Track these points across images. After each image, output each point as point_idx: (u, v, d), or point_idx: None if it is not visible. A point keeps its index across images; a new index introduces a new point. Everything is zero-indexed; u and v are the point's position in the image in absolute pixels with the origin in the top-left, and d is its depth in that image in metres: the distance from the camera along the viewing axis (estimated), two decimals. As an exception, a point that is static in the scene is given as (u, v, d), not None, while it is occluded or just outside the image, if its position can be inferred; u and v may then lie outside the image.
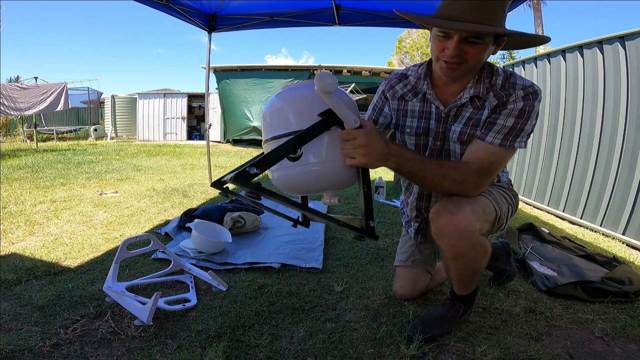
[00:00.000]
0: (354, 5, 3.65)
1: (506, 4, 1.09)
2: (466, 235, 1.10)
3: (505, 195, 1.32)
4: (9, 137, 12.10)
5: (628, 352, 1.27)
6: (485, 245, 1.18)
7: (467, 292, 1.32)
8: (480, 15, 1.01)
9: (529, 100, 1.12)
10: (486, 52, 1.09)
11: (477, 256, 1.17)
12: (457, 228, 1.09)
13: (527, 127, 1.14)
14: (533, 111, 1.13)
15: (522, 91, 1.13)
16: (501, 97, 1.14)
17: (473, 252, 1.14)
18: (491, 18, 1.02)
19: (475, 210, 1.11)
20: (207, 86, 4.13)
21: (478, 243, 1.14)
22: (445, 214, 1.10)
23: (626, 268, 1.85)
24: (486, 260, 1.22)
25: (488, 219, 1.16)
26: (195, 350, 1.21)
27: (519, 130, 1.13)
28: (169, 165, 5.74)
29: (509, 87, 1.15)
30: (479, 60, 1.09)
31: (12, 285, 1.60)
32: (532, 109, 1.13)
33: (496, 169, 1.17)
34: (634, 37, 2.48)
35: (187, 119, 11.80)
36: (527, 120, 1.13)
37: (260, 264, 1.88)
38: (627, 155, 2.53)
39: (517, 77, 1.17)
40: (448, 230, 1.10)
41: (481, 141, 1.15)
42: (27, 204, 3.01)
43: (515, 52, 14.94)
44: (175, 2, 3.37)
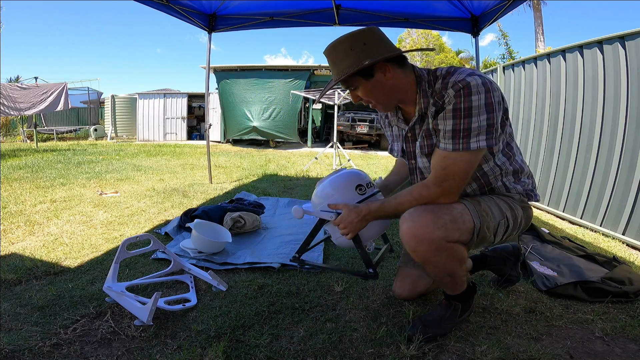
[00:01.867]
0: (354, 5, 3.65)
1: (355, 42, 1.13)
2: (424, 242, 1.14)
3: (506, 207, 1.24)
4: (9, 137, 12.10)
5: (628, 352, 1.27)
6: (454, 251, 1.17)
7: (454, 292, 1.33)
8: (336, 70, 1.17)
9: (460, 97, 1.07)
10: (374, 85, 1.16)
11: (444, 261, 1.19)
12: (414, 235, 1.14)
13: (474, 125, 1.07)
14: (472, 107, 1.06)
15: (452, 89, 1.08)
16: (436, 102, 1.15)
17: (436, 257, 1.17)
18: (344, 67, 1.14)
19: (439, 219, 1.12)
20: (207, 86, 4.13)
21: (442, 249, 1.15)
22: (406, 222, 1.16)
23: (626, 268, 1.85)
24: (459, 264, 1.22)
25: (459, 227, 1.14)
26: (195, 350, 1.21)
27: (465, 130, 1.08)
28: (169, 165, 5.74)
29: (442, 88, 1.13)
30: (378, 94, 1.18)
31: (12, 285, 1.60)
32: (469, 104, 1.06)
33: (455, 173, 1.13)
34: (634, 37, 2.48)
35: (187, 119, 11.79)
36: (468, 118, 1.07)
37: (260, 264, 1.88)
38: (627, 155, 2.53)
39: (455, 73, 1.13)
40: (407, 237, 1.16)
41: (437, 149, 1.17)
42: (27, 204, 3.01)
43: (515, 52, 14.97)
44: (175, 2, 3.38)
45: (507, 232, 1.26)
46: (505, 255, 1.65)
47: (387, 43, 1.16)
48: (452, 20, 3.76)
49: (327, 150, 6.54)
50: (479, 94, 1.06)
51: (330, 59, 1.19)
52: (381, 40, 1.15)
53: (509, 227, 1.25)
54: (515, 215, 1.26)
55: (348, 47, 1.13)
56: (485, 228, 1.18)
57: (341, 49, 1.14)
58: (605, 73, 2.74)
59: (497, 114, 1.10)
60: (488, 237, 1.21)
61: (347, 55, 1.13)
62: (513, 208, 1.26)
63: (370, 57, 1.11)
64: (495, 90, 1.09)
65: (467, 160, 1.12)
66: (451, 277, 1.27)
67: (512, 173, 1.28)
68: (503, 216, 1.22)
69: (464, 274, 1.30)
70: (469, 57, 21.66)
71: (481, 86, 1.06)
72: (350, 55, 1.13)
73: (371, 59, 1.10)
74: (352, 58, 1.12)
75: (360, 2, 3.60)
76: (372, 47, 1.12)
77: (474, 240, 1.19)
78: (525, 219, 1.31)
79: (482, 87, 1.06)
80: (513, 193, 1.29)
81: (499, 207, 1.23)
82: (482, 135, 1.09)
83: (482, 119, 1.07)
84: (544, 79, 3.48)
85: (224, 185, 4.13)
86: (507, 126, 1.21)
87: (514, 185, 1.28)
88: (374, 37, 1.15)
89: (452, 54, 23.40)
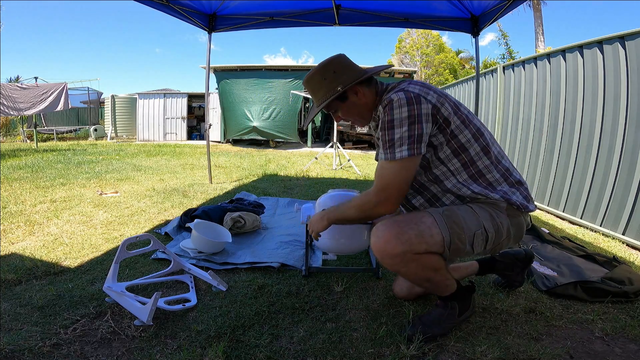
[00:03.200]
0: (354, 5, 3.65)
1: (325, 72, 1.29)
2: (387, 257, 1.21)
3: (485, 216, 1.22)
4: (9, 137, 12.10)
5: (628, 352, 1.27)
6: (424, 261, 1.20)
7: (441, 294, 1.35)
8: (316, 98, 1.35)
9: (385, 112, 1.19)
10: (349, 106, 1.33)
11: (415, 270, 1.23)
12: (378, 249, 1.23)
13: (397, 136, 1.16)
14: (393, 120, 1.16)
15: (381, 106, 1.22)
16: (375, 117, 1.33)
17: (405, 268, 1.23)
18: (321, 95, 1.31)
19: (403, 234, 1.18)
20: (207, 86, 4.13)
21: (410, 260, 1.19)
22: (373, 236, 1.25)
23: (626, 268, 1.85)
24: (434, 272, 1.25)
25: (426, 241, 1.18)
26: (195, 350, 1.21)
27: (390, 141, 1.17)
28: (169, 165, 5.74)
29: (379, 104, 1.28)
30: (354, 112, 1.35)
31: (12, 285, 1.60)
32: (390, 117, 1.17)
33: (389, 182, 1.20)
34: (634, 37, 2.48)
35: (187, 119, 11.79)
36: (391, 130, 1.17)
37: (260, 264, 1.88)
38: (627, 155, 2.53)
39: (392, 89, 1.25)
40: (374, 250, 1.25)
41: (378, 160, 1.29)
42: (27, 204, 3.01)
43: (516, 52, 14.96)
44: (175, 2, 3.38)
45: (489, 242, 1.24)
46: (514, 260, 1.63)
47: (353, 68, 1.31)
48: (452, 20, 3.76)
49: (327, 150, 6.54)
50: (400, 107, 1.16)
51: (309, 89, 1.35)
52: (348, 66, 1.31)
53: (489, 237, 1.23)
54: (496, 225, 1.23)
55: (321, 77, 1.30)
56: (457, 240, 1.19)
57: (316, 80, 1.31)
58: (605, 73, 2.74)
59: (421, 125, 1.16)
60: (463, 249, 1.22)
61: (321, 85, 1.30)
62: (494, 217, 1.23)
63: (341, 83, 1.27)
64: (422, 103, 1.16)
65: (397, 169, 1.19)
66: (429, 282, 1.29)
67: (477, 178, 1.26)
68: (480, 226, 1.21)
69: (444, 278, 1.29)
70: (469, 57, 21.67)
71: (403, 100, 1.16)
72: (324, 84, 1.30)
73: (343, 84, 1.27)
74: (326, 86, 1.29)
75: (360, 2, 3.60)
76: (341, 74, 1.29)
77: (447, 253, 1.21)
78: (515, 227, 1.28)
79: (405, 101, 1.15)
80: (495, 200, 1.25)
81: (477, 216, 1.22)
82: (404, 146, 1.16)
83: (403, 130, 1.16)
84: (544, 79, 3.48)
85: (224, 185, 4.13)
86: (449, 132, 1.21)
87: (487, 192, 1.25)
88: (342, 65, 1.31)
89: (452, 54, 23.41)
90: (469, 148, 1.25)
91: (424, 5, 3.58)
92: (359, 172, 5.23)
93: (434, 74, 22.70)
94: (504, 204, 1.26)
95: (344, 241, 1.66)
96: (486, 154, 1.27)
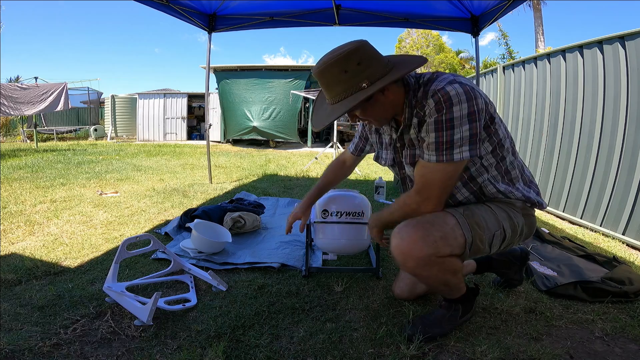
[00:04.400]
0: (354, 5, 3.65)
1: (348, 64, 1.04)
2: (412, 259, 1.14)
3: (504, 216, 1.21)
4: (9, 137, 12.10)
5: (628, 352, 1.27)
6: (447, 264, 1.16)
7: (451, 297, 1.33)
8: (331, 94, 1.09)
9: (441, 110, 1.04)
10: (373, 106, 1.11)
11: (436, 274, 1.19)
12: (402, 252, 1.15)
13: (457, 137, 1.05)
14: (454, 118, 1.03)
15: (432, 100, 1.05)
16: (418, 113, 1.13)
17: (427, 272, 1.17)
18: (340, 90, 1.07)
19: (429, 236, 1.11)
20: (207, 86, 4.13)
21: (433, 264, 1.14)
22: (396, 238, 1.17)
23: (626, 268, 1.85)
24: (453, 275, 1.22)
25: (450, 244, 1.13)
26: (195, 350, 1.21)
27: (448, 142, 1.05)
28: (169, 165, 5.74)
29: (422, 97, 1.10)
30: (377, 112, 1.15)
31: (12, 285, 1.60)
32: (450, 116, 1.03)
33: (434, 182, 1.12)
34: (634, 37, 2.48)
35: (187, 119, 11.79)
36: (451, 130, 1.04)
37: (261, 264, 1.88)
38: (627, 155, 2.53)
39: (436, 80, 1.09)
40: (396, 253, 1.17)
41: (421, 159, 1.16)
42: (27, 204, 3.01)
43: (515, 52, 14.95)
44: (175, 2, 3.38)
45: (505, 242, 1.23)
46: (511, 259, 1.63)
47: (379, 59, 1.08)
48: (452, 20, 3.76)
49: (327, 150, 6.54)
50: (460, 104, 1.02)
51: (323, 82, 1.09)
52: (373, 57, 1.07)
53: (506, 237, 1.22)
54: (514, 225, 1.22)
55: (341, 70, 1.04)
56: (478, 241, 1.16)
57: (334, 72, 1.05)
58: (605, 73, 2.74)
59: (480, 123, 1.06)
60: (482, 249, 1.19)
61: (340, 79, 1.05)
62: (512, 217, 1.22)
63: (367, 78, 1.04)
64: (478, 97, 1.05)
65: (448, 170, 1.09)
66: (446, 286, 1.27)
67: (504, 176, 1.23)
68: (499, 227, 1.19)
69: (460, 281, 1.28)
70: (469, 57, 21.65)
71: (462, 95, 1.03)
72: (344, 79, 1.05)
73: (369, 80, 1.04)
74: (347, 81, 1.05)
75: (360, 2, 3.60)
76: (367, 67, 1.05)
77: (466, 254, 1.17)
78: (527, 226, 1.27)
79: (464, 96, 1.03)
80: (513, 200, 1.24)
81: (496, 217, 1.20)
82: (465, 147, 1.06)
83: (465, 129, 1.04)
84: (544, 79, 3.48)
85: (224, 185, 4.12)
86: (493, 129, 1.15)
87: (510, 189, 1.23)
88: (367, 55, 1.05)
89: (452, 54, 23.39)
90: (505, 144, 1.19)
91: (424, 5, 3.58)
92: (359, 172, 5.23)
93: (434, 74, 22.65)
94: (520, 202, 1.24)
95: (344, 241, 1.66)
96: (513, 149, 1.24)
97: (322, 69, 1.06)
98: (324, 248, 1.74)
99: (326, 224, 1.68)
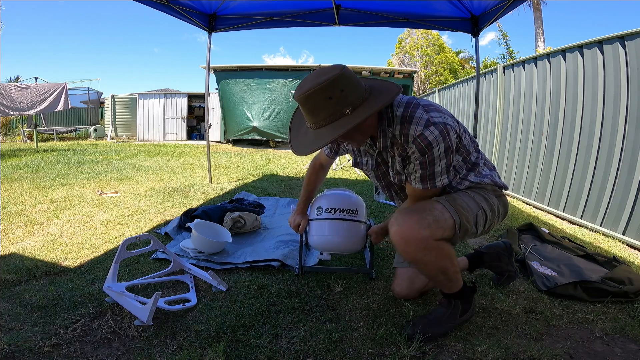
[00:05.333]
0: (354, 5, 3.65)
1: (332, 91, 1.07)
2: (412, 242, 1.22)
3: (480, 198, 1.35)
4: (9, 137, 12.10)
5: (628, 352, 1.27)
6: (442, 248, 1.25)
7: (450, 290, 1.35)
8: (315, 119, 1.12)
9: (425, 154, 1.19)
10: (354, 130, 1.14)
11: (435, 259, 1.26)
12: (402, 237, 1.23)
13: (438, 169, 1.23)
14: (435, 157, 1.20)
15: (414, 146, 1.19)
16: (401, 153, 1.27)
17: (427, 256, 1.25)
18: (325, 116, 1.10)
19: (423, 220, 1.22)
20: (207, 86, 4.13)
21: (431, 247, 1.23)
22: (394, 225, 1.26)
23: (626, 268, 1.85)
24: (450, 261, 1.29)
25: (442, 225, 1.23)
26: (195, 350, 1.21)
27: (430, 175, 1.24)
28: (169, 165, 5.74)
29: (404, 140, 1.22)
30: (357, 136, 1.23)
31: (12, 285, 1.60)
32: (431, 157, 1.19)
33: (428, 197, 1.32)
34: (634, 37, 2.48)
35: (187, 119, 11.79)
36: (432, 167, 1.22)
37: (261, 262, 1.88)
38: (627, 155, 2.53)
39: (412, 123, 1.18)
40: (396, 239, 1.25)
41: (409, 184, 1.33)
42: (27, 204, 3.01)
43: (515, 52, 14.95)
44: (175, 2, 3.38)
45: (487, 221, 1.36)
46: (499, 250, 1.73)
47: (358, 84, 1.13)
48: (452, 20, 3.76)
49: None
50: (438, 145, 1.17)
51: (307, 107, 1.12)
52: (354, 83, 1.12)
53: (487, 216, 1.35)
54: (490, 205, 1.37)
55: (326, 96, 1.08)
56: (465, 222, 1.27)
57: (319, 98, 1.08)
58: (605, 73, 2.74)
59: (453, 151, 1.23)
60: (470, 229, 1.30)
61: (326, 105, 1.09)
62: (487, 199, 1.37)
63: (350, 104, 1.09)
64: (450, 131, 1.18)
65: (433, 192, 1.32)
66: (444, 274, 1.31)
67: (472, 170, 1.38)
68: (480, 208, 1.33)
69: (456, 270, 1.33)
70: (469, 57, 21.65)
71: (439, 137, 1.16)
72: (329, 105, 1.09)
73: (351, 107, 1.09)
74: (331, 108, 1.09)
75: (360, 2, 3.60)
76: (350, 93, 1.10)
77: (457, 235, 1.27)
78: (502, 206, 1.42)
79: (440, 138, 1.17)
80: (484, 184, 1.38)
81: (474, 199, 1.34)
82: (443, 175, 1.26)
83: (443, 163, 1.22)
84: (544, 79, 3.48)
85: (224, 185, 4.13)
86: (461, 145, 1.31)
87: (480, 179, 1.38)
88: (349, 82, 1.10)
89: (452, 54, 23.40)
90: (469, 148, 1.36)
91: (424, 5, 3.58)
92: (359, 172, 5.23)
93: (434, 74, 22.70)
94: (490, 186, 1.40)
95: (337, 239, 1.65)
96: (474, 146, 1.40)
97: (308, 94, 1.09)
98: (317, 245, 1.71)
99: (320, 221, 1.68)
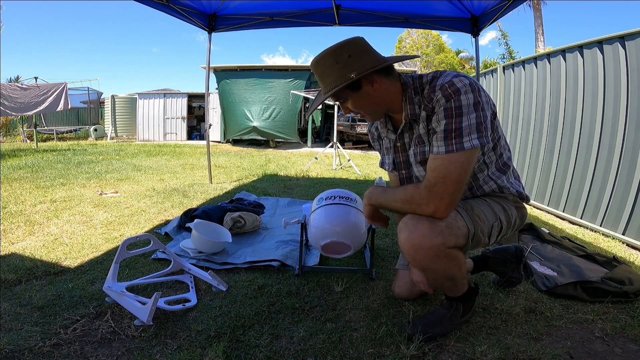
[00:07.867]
0: (354, 5, 3.65)
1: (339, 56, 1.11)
2: (423, 251, 1.14)
3: (499, 209, 1.27)
4: (9, 137, 12.10)
5: (628, 352, 1.27)
6: (453, 256, 1.18)
7: (455, 294, 1.33)
8: (324, 84, 1.17)
9: (450, 99, 1.08)
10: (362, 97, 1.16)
11: (444, 267, 1.20)
12: (413, 245, 1.15)
13: (465, 123, 1.07)
14: (462, 105, 1.07)
15: (440, 92, 1.10)
16: (427, 106, 1.15)
17: (436, 264, 1.18)
18: (331, 81, 1.14)
19: (435, 227, 1.12)
20: (207, 86, 4.13)
21: (441, 256, 1.16)
22: (403, 231, 1.17)
23: (626, 268, 1.85)
24: (459, 268, 1.24)
25: (455, 233, 1.14)
26: (195, 350, 1.21)
27: (457, 129, 1.07)
28: (169, 165, 5.74)
29: (430, 92, 1.14)
30: (366, 105, 1.19)
31: (12, 285, 1.60)
32: (458, 104, 1.07)
33: (445, 176, 1.08)
34: (634, 37, 2.48)
35: (187, 119, 11.79)
36: (460, 117, 1.07)
37: (261, 262, 1.88)
38: (627, 155, 2.53)
39: (441, 76, 1.14)
40: (406, 247, 1.17)
41: (431, 154, 1.14)
42: (27, 204, 3.01)
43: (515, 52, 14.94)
44: (175, 2, 3.38)
45: (501, 233, 1.29)
46: (506, 256, 1.65)
47: (371, 53, 1.14)
48: (452, 20, 3.76)
49: (327, 150, 6.54)
50: (467, 93, 1.07)
51: (317, 73, 1.17)
52: (365, 51, 1.13)
53: (502, 228, 1.28)
54: (508, 217, 1.29)
55: (333, 60, 1.12)
56: (479, 232, 1.20)
57: (327, 63, 1.13)
58: (605, 73, 2.74)
59: (485, 113, 1.10)
60: (482, 240, 1.23)
61: (332, 69, 1.12)
62: (506, 209, 1.29)
63: (356, 69, 1.10)
64: (482, 90, 1.11)
65: (460, 162, 1.08)
66: (452, 281, 1.28)
67: (501, 171, 1.29)
68: (496, 219, 1.25)
69: (464, 276, 1.30)
70: (469, 57, 21.64)
71: (468, 86, 1.08)
72: (335, 69, 1.12)
73: (357, 72, 1.10)
74: (338, 72, 1.12)
75: (360, 2, 3.60)
76: (357, 59, 1.11)
77: (469, 245, 1.21)
78: (519, 218, 1.34)
79: (469, 87, 1.08)
80: (507, 194, 1.31)
81: (492, 209, 1.26)
82: (473, 134, 1.08)
83: (472, 117, 1.07)
84: (544, 79, 3.48)
85: (224, 185, 4.12)
86: (495, 125, 1.21)
87: (506, 185, 1.29)
88: (358, 49, 1.12)
89: (452, 54, 23.39)
90: (502, 142, 1.26)
91: (424, 5, 3.58)
92: (359, 172, 5.23)
93: (434, 74, 22.66)
94: (512, 196, 1.31)
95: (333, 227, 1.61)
96: (508, 146, 1.30)
97: (317, 60, 1.15)
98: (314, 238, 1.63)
99: (317, 210, 1.67)
